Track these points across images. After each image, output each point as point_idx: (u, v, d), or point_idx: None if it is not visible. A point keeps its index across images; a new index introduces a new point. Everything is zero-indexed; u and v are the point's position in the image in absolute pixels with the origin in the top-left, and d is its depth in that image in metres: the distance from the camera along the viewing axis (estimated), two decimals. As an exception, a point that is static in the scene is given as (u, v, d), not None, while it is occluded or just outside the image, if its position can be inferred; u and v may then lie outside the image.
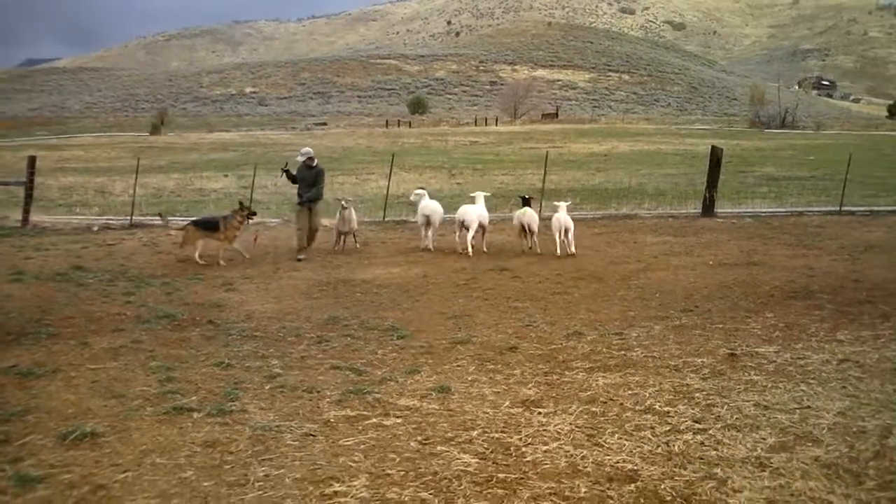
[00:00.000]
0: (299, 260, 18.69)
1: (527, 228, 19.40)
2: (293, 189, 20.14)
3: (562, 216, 19.17)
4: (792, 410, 7.90)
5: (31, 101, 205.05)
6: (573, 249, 19.12)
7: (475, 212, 19.38)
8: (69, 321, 12.12)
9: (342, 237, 20.23)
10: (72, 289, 14.68)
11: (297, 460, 6.91)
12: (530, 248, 19.68)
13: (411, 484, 6.53)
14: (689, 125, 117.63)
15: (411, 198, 21.06)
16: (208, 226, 18.40)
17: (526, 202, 20.04)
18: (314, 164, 19.69)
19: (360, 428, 7.70)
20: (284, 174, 19.92)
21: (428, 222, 19.88)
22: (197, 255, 18.13)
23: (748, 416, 7.78)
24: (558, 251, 19.09)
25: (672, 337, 11.02)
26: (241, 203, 19.23)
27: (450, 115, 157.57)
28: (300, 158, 19.74)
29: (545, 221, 20.53)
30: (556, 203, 19.94)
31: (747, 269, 16.12)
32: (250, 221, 19.28)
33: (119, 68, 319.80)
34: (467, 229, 19.29)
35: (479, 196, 20.02)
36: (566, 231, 19.11)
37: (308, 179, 19.57)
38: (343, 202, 19.95)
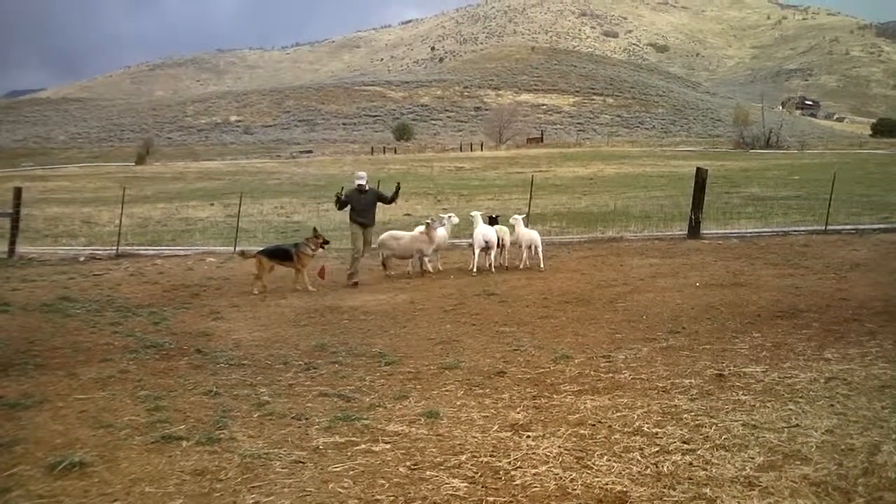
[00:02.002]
0: (355, 285, 18.92)
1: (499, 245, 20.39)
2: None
3: (532, 232, 20.49)
4: (780, 429, 7.89)
5: (15, 133, 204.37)
6: (542, 265, 19.83)
7: (494, 232, 20.15)
8: (56, 352, 12.10)
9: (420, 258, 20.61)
10: (59, 319, 14.66)
11: (287, 488, 6.89)
12: (500, 264, 20.58)
13: (401, 509, 6.54)
14: (674, 147, 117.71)
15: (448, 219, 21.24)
16: (280, 255, 18.55)
17: (493, 221, 20.55)
18: (367, 187, 20.22)
19: (349, 454, 7.69)
20: (338, 200, 20.32)
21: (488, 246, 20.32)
22: (261, 285, 18.27)
23: (737, 435, 7.76)
24: (522, 265, 20.09)
25: (660, 359, 11.03)
26: (315, 230, 19.26)
27: (435, 141, 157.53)
28: (358, 182, 20.31)
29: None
30: (514, 218, 20.39)
31: (734, 289, 16.14)
32: (323, 249, 19.58)
33: (103, 98, 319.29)
34: (488, 250, 20.15)
35: (478, 216, 20.35)
36: (535, 247, 19.92)
37: (363, 203, 20.07)
38: (433, 221, 20.39)
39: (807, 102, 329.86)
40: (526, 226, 20.96)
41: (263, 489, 6.86)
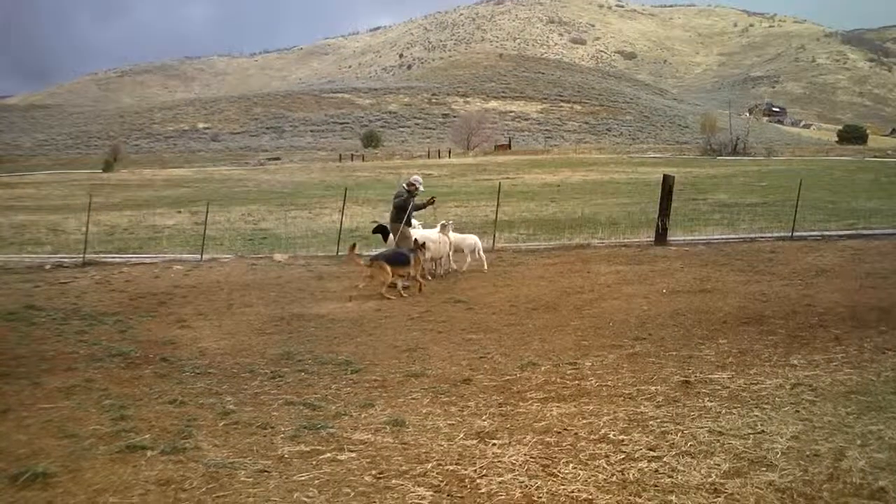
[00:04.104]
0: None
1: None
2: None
3: (468, 235, 21.35)
4: (746, 436, 7.90)
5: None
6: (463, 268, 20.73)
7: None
8: (21, 360, 11.98)
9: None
10: (24, 328, 14.54)
11: (252, 497, 6.85)
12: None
13: (366, 518, 6.52)
14: (642, 154, 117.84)
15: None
16: (398, 261, 18.46)
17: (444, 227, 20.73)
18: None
19: (315, 463, 7.66)
20: (414, 206, 20.59)
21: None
22: (391, 291, 18.20)
23: (702, 442, 7.77)
24: (465, 268, 20.71)
25: (626, 365, 11.03)
26: (416, 241, 19.25)
27: (403, 148, 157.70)
28: (418, 184, 20.70)
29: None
30: (443, 223, 20.57)
31: (700, 296, 16.12)
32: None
33: (71, 105, 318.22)
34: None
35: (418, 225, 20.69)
36: (478, 250, 20.89)
37: (411, 206, 20.41)
38: (447, 223, 20.95)
39: (774, 109, 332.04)
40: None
41: (228, 499, 6.82)
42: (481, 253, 20.95)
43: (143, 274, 21.97)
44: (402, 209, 20.07)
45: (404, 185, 20.49)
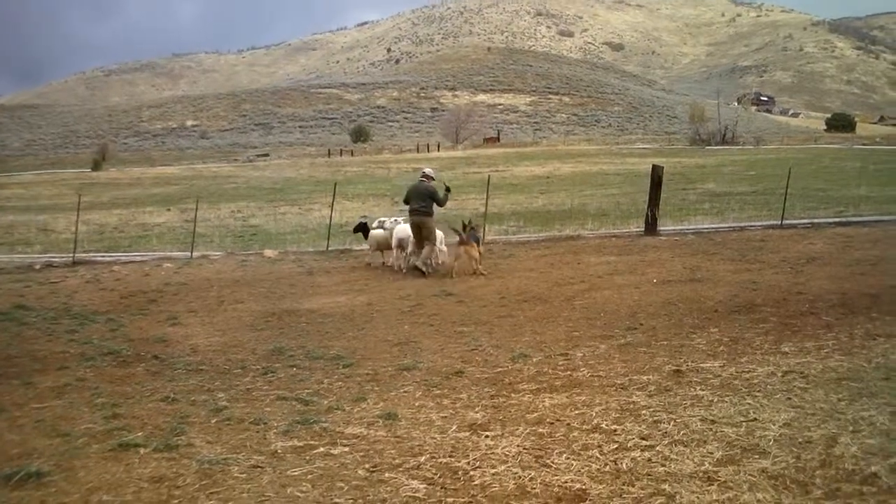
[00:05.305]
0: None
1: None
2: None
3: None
4: (738, 423, 7.89)
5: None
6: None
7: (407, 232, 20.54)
8: (12, 361, 11.95)
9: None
10: (14, 328, 14.51)
11: (245, 493, 6.83)
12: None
13: (360, 512, 6.51)
14: (630, 145, 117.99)
15: (387, 224, 21.47)
16: (475, 241, 19.37)
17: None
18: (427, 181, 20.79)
19: (308, 458, 7.64)
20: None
21: (400, 245, 20.53)
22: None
23: (695, 430, 7.76)
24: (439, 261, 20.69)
25: (617, 355, 11.02)
26: (464, 223, 19.85)
27: (392, 143, 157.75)
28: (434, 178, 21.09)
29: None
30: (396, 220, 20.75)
31: (691, 285, 16.12)
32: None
33: (59, 105, 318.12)
34: (403, 248, 20.64)
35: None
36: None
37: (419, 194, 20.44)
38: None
39: (762, 98, 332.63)
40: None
41: (222, 495, 6.80)
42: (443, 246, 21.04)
43: (134, 272, 21.94)
44: (441, 202, 20.58)
45: (421, 177, 20.54)
